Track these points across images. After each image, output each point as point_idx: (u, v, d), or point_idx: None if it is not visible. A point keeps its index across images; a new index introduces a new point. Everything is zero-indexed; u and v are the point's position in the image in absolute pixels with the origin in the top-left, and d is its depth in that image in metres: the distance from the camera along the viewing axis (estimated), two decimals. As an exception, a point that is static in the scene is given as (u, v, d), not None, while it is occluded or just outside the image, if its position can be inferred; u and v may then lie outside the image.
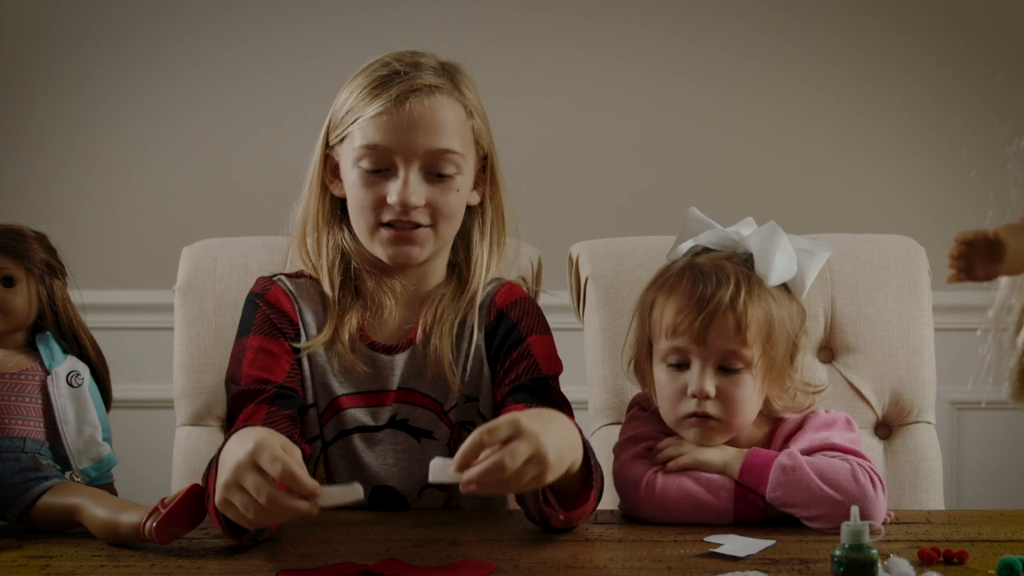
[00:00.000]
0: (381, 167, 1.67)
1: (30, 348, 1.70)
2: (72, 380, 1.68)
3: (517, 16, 2.87)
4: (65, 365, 1.68)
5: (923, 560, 1.41)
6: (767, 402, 1.66)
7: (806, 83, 2.86)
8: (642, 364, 1.69)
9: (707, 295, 1.58)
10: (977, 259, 1.27)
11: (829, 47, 2.86)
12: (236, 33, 2.88)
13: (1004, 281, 1.38)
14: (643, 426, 1.71)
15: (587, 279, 2.02)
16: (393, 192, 1.65)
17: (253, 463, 1.36)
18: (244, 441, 1.39)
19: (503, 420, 1.37)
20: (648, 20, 2.87)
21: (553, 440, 1.39)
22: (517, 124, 2.85)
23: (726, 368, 1.60)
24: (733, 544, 1.48)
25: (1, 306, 1.66)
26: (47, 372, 1.67)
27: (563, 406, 1.68)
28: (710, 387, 1.59)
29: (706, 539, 1.52)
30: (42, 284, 1.69)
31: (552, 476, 1.40)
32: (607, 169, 2.87)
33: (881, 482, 1.58)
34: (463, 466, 1.36)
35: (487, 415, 1.74)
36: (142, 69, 2.89)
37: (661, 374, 1.64)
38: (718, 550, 1.46)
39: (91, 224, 2.89)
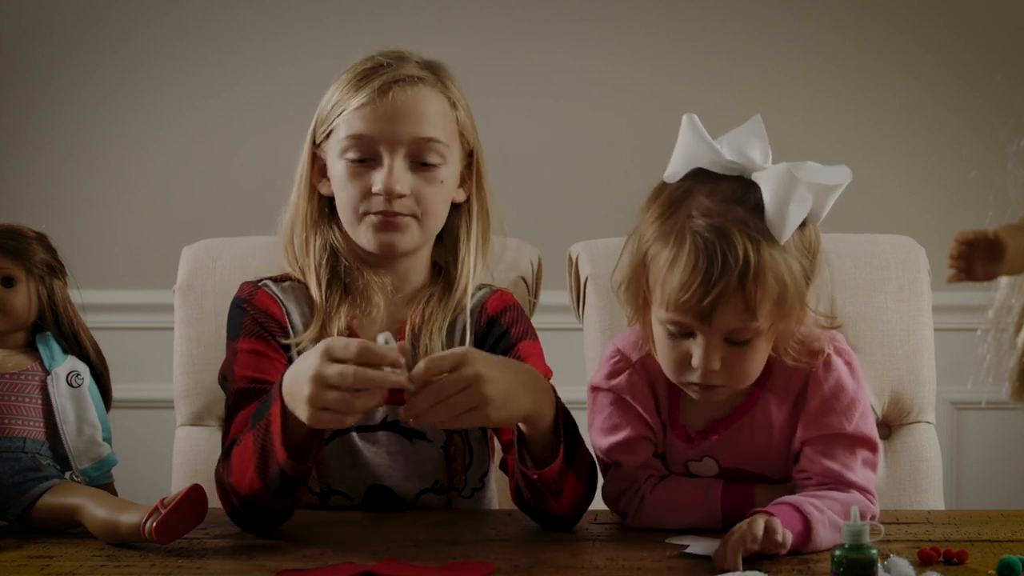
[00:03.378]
0: (366, 156, 1.68)
1: (30, 348, 1.69)
2: (72, 380, 1.68)
3: (517, 16, 2.87)
4: (65, 365, 1.68)
5: (923, 560, 1.41)
6: (778, 353, 1.55)
7: (806, 83, 2.86)
8: (637, 295, 1.55)
9: (712, 275, 1.43)
10: (977, 259, 1.27)
11: (829, 47, 2.85)
12: (236, 33, 2.88)
13: (1004, 281, 1.38)
14: (633, 396, 1.60)
15: (587, 279, 2.01)
16: (378, 181, 1.67)
17: (329, 358, 1.39)
18: (307, 356, 1.43)
19: (453, 351, 1.42)
20: (648, 20, 2.87)
21: (502, 377, 1.42)
22: (517, 124, 2.85)
23: (734, 340, 1.49)
24: (699, 545, 1.47)
25: (1, 306, 1.66)
26: (47, 372, 1.67)
27: None
28: (716, 363, 1.49)
29: (668, 540, 1.51)
30: (42, 284, 1.69)
31: (496, 412, 1.42)
32: (607, 169, 2.87)
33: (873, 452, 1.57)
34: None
35: None
36: (142, 69, 2.88)
37: (661, 335, 1.52)
38: (687, 551, 1.46)
39: (91, 224, 2.89)
